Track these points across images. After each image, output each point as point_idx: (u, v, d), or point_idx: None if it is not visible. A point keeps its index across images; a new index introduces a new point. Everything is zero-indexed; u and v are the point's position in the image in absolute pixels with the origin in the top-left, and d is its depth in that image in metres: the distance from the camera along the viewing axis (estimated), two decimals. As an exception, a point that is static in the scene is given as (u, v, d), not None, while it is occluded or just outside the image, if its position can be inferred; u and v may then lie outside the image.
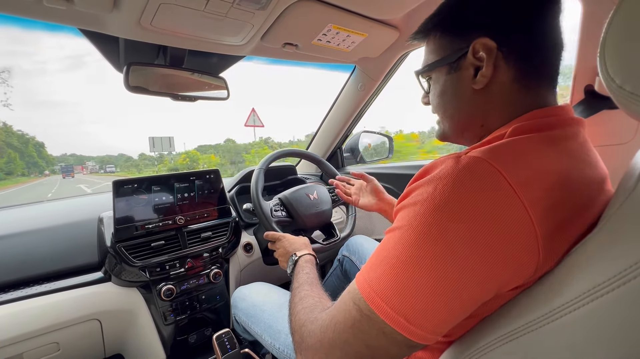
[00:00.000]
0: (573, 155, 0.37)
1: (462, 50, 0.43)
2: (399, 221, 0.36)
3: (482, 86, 0.42)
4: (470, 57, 0.42)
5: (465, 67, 0.43)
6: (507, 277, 0.32)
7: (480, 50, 0.41)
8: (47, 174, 73.26)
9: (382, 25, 0.95)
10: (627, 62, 0.26)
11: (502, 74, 0.41)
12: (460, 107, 0.46)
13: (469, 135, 0.47)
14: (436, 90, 0.48)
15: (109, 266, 0.90)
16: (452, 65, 0.44)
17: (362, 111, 1.46)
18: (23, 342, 0.77)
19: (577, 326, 0.28)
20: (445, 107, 0.48)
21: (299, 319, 0.45)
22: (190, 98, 1.01)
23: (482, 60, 0.41)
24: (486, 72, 0.41)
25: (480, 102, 0.43)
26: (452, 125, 0.48)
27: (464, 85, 0.44)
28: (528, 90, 0.41)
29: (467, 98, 0.44)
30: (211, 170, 1.10)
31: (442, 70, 0.46)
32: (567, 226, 0.33)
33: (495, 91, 0.42)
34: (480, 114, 0.44)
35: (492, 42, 0.40)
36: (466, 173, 0.33)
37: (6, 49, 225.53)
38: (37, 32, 0.87)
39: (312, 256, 0.70)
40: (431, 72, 0.48)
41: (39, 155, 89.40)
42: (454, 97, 0.46)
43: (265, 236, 0.87)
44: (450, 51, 0.45)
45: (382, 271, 0.35)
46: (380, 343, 0.34)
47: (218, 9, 0.71)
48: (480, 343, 0.35)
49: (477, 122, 0.45)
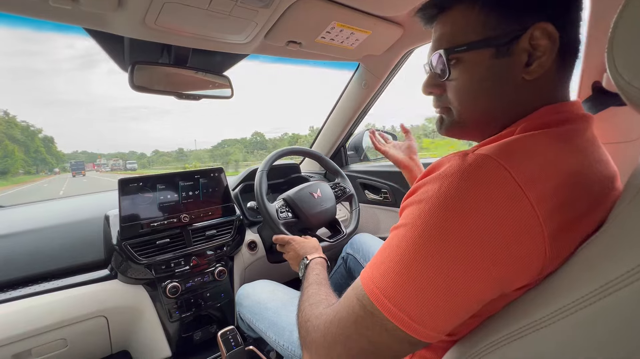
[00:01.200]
0: (583, 152, 0.36)
1: (515, 32, 0.38)
2: (405, 218, 0.36)
3: (535, 76, 0.38)
4: (525, 42, 0.37)
5: (517, 53, 0.38)
6: (513, 276, 0.32)
7: (540, 36, 0.36)
8: (57, 172, 68.83)
9: (386, 22, 0.95)
10: (635, 58, 0.26)
11: (553, 66, 0.38)
12: (499, 98, 0.41)
13: (487, 129, 0.43)
14: (470, 76, 0.42)
15: (115, 264, 0.91)
16: (500, 48, 0.39)
17: (366, 109, 1.46)
18: (31, 338, 0.79)
19: (584, 325, 0.28)
20: (479, 97, 0.42)
21: (304, 314, 0.46)
22: (195, 96, 1.01)
23: (537, 48, 0.37)
24: (546, 61, 0.37)
25: (523, 94, 0.40)
26: (481, 119, 0.43)
27: (513, 73, 0.39)
28: (561, 83, 0.40)
29: (511, 89, 0.40)
30: (215, 168, 1.10)
31: (484, 54, 0.40)
32: (575, 225, 0.33)
33: (541, 83, 0.39)
34: (514, 107, 0.40)
35: (554, 29, 0.36)
36: (473, 171, 0.32)
37: (20, 49, 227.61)
38: (48, 33, 0.88)
39: (322, 259, 0.70)
40: (467, 54, 0.41)
41: (47, 151, 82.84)
42: (495, 86, 0.40)
43: (274, 240, 0.88)
44: (499, 31, 0.39)
45: (386, 269, 0.35)
46: (383, 340, 0.34)
47: (222, 8, 0.71)
48: (484, 342, 0.35)
49: (505, 117, 0.41)
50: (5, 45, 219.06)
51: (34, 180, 48.44)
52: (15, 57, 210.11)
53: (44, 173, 70.97)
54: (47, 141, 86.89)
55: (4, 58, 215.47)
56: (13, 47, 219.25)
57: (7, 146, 71.00)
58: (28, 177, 62.53)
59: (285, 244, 0.84)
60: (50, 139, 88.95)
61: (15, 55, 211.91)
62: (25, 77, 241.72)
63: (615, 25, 0.27)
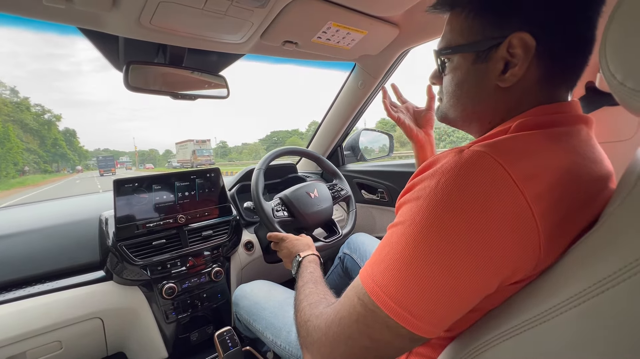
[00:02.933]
0: (577, 152, 0.37)
1: (495, 40, 0.39)
2: (402, 216, 0.36)
3: (509, 85, 0.39)
4: (503, 50, 0.38)
5: (494, 60, 0.39)
6: (509, 271, 0.32)
7: (516, 46, 0.37)
8: (79, 170, 57.61)
9: (382, 22, 0.95)
10: (628, 58, 0.26)
11: (530, 74, 0.39)
12: (477, 101, 0.43)
13: (475, 126, 0.46)
14: (455, 76, 0.45)
15: (111, 265, 0.91)
16: (480, 54, 0.41)
17: (363, 109, 1.46)
18: (26, 341, 0.78)
19: (580, 321, 0.28)
20: (459, 96, 0.45)
21: (304, 314, 0.45)
22: (190, 96, 1.01)
23: (515, 56, 0.38)
24: (518, 71, 0.38)
25: (499, 99, 0.41)
26: (462, 115, 0.46)
27: (489, 79, 0.41)
28: (547, 89, 0.40)
29: (487, 94, 0.42)
30: (212, 168, 1.10)
31: (468, 57, 0.42)
32: (569, 223, 0.33)
33: (516, 90, 0.40)
34: (495, 110, 0.42)
35: (532, 39, 0.37)
36: (468, 167, 0.32)
37: (45, 52, 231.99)
38: (72, 36, 0.88)
39: (315, 256, 0.71)
40: (453, 55, 0.44)
41: (69, 146, 67.46)
42: (473, 89, 0.43)
43: (268, 238, 0.88)
44: (481, 37, 0.40)
45: (386, 266, 0.35)
46: (385, 337, 0.34)
47: (217, 7, 0.71)
48: (482, 339, 0.35)
49: (488, 117, 0.43)
50: (32, 48, 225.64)
51: (50, 180, 37.30)
52: (40, 59, 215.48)
53: (65, 171, 58.62)
54: (69, 134, 72.64)
55: (30, 60, 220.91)
56: (40, 50, 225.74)
57: (8, 128, 48.96)
58: (43, 176, 47.49)
59: (279, 241, 0.84)
60: (72, 133, 75.25)
61: (40, 57, 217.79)
62: (49, 78, 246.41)
63: (607, 25, 0.27)
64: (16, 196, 20.29)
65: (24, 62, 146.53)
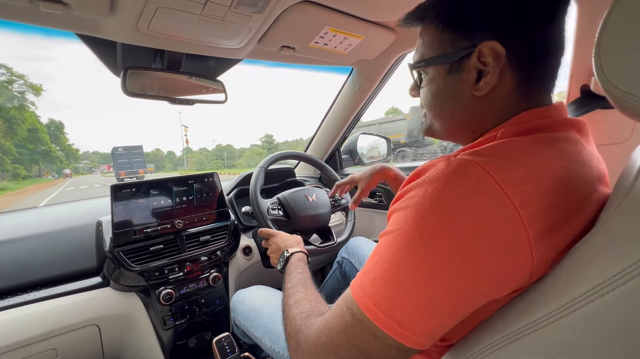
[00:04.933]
0: (566, 156, 0.36)
1: (465, 51, 0.39)
2: (392, 224, 0.36)
3: (484, 93, 0.40)
4: (474, 59, 0.39)
5: (467, 70, 0.40)
6: (499, 280, 0.32)
7: (487, 54, 0.38)
8: (68, 174, 43.46)
9: (378, 27, 0.96)
10: (622, 61, 0.26)
11: (504, 81, 0.39)
12: (456, 111, 0.43)
13: (460, 137, 0.46)
14: (431, 88, 0.45)
15: (108, 271, 0.90)
16: (453, 64, 0.41)
17: (360, 113, 1.47)
18: (21, 349, 0.77)
19: (577, 327, 0.28)
20: (438, 107, 0.45)
21: (295, 324, 0.45)
22: (188, 101, 1.01)
23: (487, 65, 0.38)
24: (491, 79, 0.38)
25: (478, 108, 0.41)
26: (444, 126, 0.46)
27: (464, 89, 0.41)
28: (527, 95, 0.40)
29: (465, 103, 0.42)
30: (209, 173, 1.10)
31: (441, 69, 0.43)
32: (559, 229, 0.33)
33: (494, 98, 0.40)
34: (475, 119, 0.42)
35: (501, 47, 0.37)
36: (455, 175, 0.32)
37: (31, 55, 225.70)
38: (58, 39, 0.87)
39: (304, 254, 0.70)
40: (427, 68, 0.45)
41: (53, 140, 48.80)
42: (450, 100, 0.43)
43: (259, 233, 0.87)
44: (451, 49, 0.41)
45: (375, 276, 0.35)
46: (373, 347, 0.34)
47: (215, 13, 0.71)
48: (478, 346, 0.35)
49: (470, 127, 0.43)
50: (18, 51, 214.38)
51: (28, 190, 23.23)
52: (26, 61, 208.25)
53: (48, 176, 42.57)
54: (55, 128, 51.54)
55: (16, 62, 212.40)
56: (25, 53, 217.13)
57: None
58: (16, 183, 29.83)
59: (269, 238, 0.83)
60: (59, 125, 52.79)
61: (26, 60, 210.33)
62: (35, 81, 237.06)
63: (602, 29, 0.27)
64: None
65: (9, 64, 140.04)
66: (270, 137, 75.22)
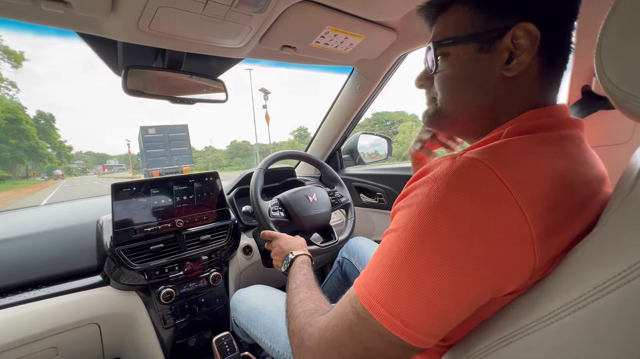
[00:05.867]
0: (569, 156, 0.37)
1: (498, 31, 0.39)
2: (396, 223, 0.36)
3: (515, 73, 0.39)
4: (507, 40, 0.38)
5: (499, 50, 0.39)
6: (503, 279, 0.32)
7: (521, 36, 0.37)
8: (59, 175, 39.07)
9: (379, 27, 0.96)
10: (623, 62, 0.26)
11: (532, 67, 0.39)
12: (480, 92, 0.42)
13: (471, 127, 0.45)
14: (454, 68, 0.43)
15: (108, 270, 0.90)
16: (484, 45, 0.40)
17: (361, 113, 1.46)
18: (21, 347, 0.77)
19: (577, 327, 0.28)
20: (459, 89, 0.44)
21: (299, 322, 0.45)
22: (189, 101, 1.01)
23: (519, 47, 0.38)
24: (525, 59, 0.38)
25: (502, 91, 0.41)
26: (460, 111, 0.45)
27: (494, 69, 0.40)
28: (545, 87, 0.41)
29: (492, 83, 0.41)
30: (210, 172, 1.10)
31: (469, 48, 0.41)
32: (562, 228, 0.33)
33: (521, 82, 0.40)
34: (496, 105, 0.42)
35: (536, 29, 0.37)
36: (460, 173, 0.33)
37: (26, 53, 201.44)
38: (49, 37, 0.84)
39: (308, 257, 0.70)
40: (453, 47, 0.43)
41: (43, 136, 41.09)
42: (476, 80, 0.42)
43: (262, 235, 0.87)
44: (483, 29, 0.40)
45: (379, 274, 0.35)
46: (377, 346, 0.34)
47: (216, 12, 0.71)
48: (479, 346, 0.35)
49: (487, 116, 0.42)
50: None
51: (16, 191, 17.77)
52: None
53: (35, 177, 36.82)
54: (44, 120, 42.41)
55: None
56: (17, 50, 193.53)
57: None
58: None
59: (272, 239, 0.83)
60: (49, 118, 43.92)
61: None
62: (27, 81, 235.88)
63: (603, 29, 0.27)
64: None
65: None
66: (305, 130, 68.18)
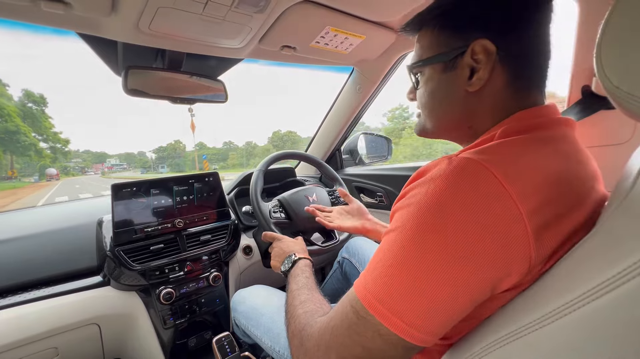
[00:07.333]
0: (564, 154, 0.38)
1: (459, 49, 0.42)
2: (395, 222, 0.37)
3: (476, 88, 0.42)
4: (467, 57, 0.41)
5: (461, 67, 0.42)
6: (501, 274, 0.32)
7: (479, 52, 0.40)
8: (54, 175, 34.92)
9: (379, 27, 0.96)
10: (623, 62, 0.26)
11: (496, 78, 0.41)
12: (450, 107, 0.46)
13: (456, 135, 0.48)
14: (427, 87, 0.47)
15: (108, 270, 0.90)
16: (448, 63, 0.44)
17: (361, 113, 1.47)
18: (22, 347, 0.77)
19: (577, 327, 0.28)
20: (434, 105, 0.47)
21: (299, 323, 0.45)
22: (189, 101, 1.01)
23: (480, 62, 0.41)
24: (483, 74, 0.41)
25: (471, 104, 0.44)
26: (438, 124, 0.48)
27: (458, 85, 0.43)
28: (518, 93, 0.42)
29: (459, 99, 0.44)
30: (210, 172, 1.10)
31: (437, 68, 0.46)
32: (557, 224, 0.33)
33: (487, 94, 0.42)
34: (469, 116, 0.44)
35: (492, 44, 0.40)
36: (457, 172, 0.33)
37: (19, 53, 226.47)
38: (46, 36, 0.86)
39: (309, 262, 0.70)
40: (424, 68, 0.47)
41: (36, 129, 32.90)
42: (445, 96, 0.46)
43: (263, 237, 0.87)
44: (446, 48, 0.44)
45: (379, 273, 0.35)
46: (377, 345, 0.34)
47: (216, 13, 0.71)
48: (479, 345, 0.35)
49: (465, 124, 0.45)
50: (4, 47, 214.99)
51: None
52: (12, 59, 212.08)
53: (22, 179, 30.67)
54: (34, 103, 34.29)
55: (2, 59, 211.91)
56: (11, 49, 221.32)
57: None
58: None
59: (274, 241, 0.83)
60: (40, 101, 37.08)
61: (12, 57, 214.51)
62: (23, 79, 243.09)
63: (603, 29, 0.27)
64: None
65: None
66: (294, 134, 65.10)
